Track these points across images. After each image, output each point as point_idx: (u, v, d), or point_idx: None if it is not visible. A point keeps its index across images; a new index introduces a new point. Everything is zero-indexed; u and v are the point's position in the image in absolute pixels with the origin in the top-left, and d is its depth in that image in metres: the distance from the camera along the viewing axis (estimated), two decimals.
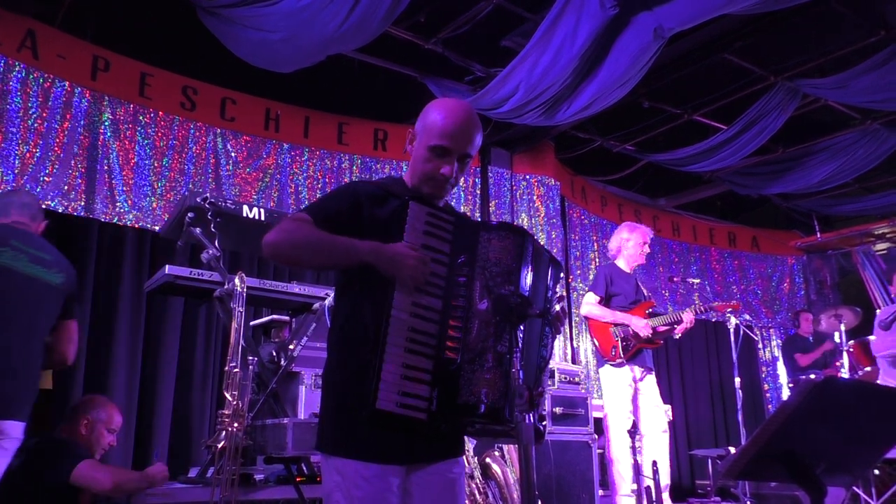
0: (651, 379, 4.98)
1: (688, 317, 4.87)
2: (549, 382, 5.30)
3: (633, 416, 4.86)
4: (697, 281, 6.01)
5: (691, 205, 9.48)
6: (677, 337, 5.03)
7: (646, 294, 5.19)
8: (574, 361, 7.49)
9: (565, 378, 5.49)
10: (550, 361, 2.09)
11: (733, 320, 5.09)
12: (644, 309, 5.03)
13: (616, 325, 4.94)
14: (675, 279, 5.92)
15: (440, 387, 1.77)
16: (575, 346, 7.69)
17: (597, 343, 5.00)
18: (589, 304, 5.06)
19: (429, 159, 1.98)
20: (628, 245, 5.19)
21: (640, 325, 4.87)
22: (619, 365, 4.88)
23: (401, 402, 1.73)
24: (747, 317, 9.17)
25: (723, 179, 8.27)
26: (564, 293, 7.49)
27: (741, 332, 5.07)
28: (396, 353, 1.75)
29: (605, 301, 5.05)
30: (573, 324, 7.77)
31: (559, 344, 7.31)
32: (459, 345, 1.79)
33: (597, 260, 8.28)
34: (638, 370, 4.94)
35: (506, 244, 1.85)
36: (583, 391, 5.34)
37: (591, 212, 8.54)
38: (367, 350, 1.80)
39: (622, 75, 5.41)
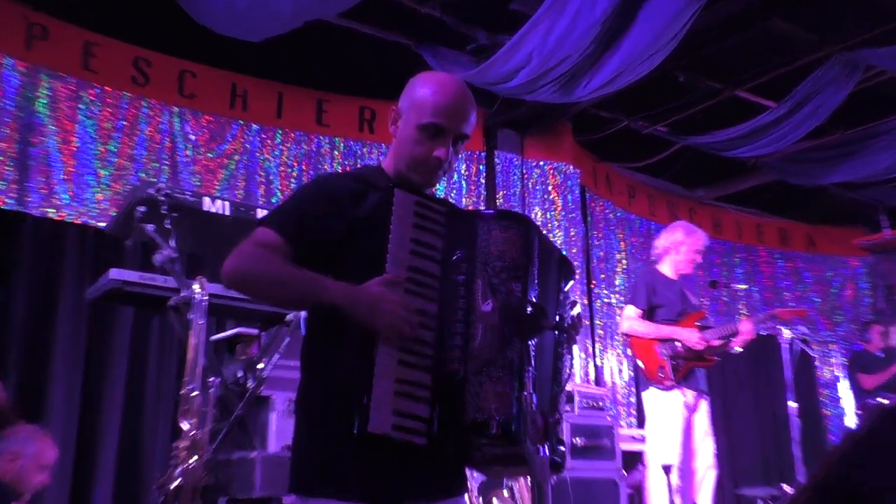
0: (704, 406, 4.95)
1: (745, 327, 4.83)
2: (568, 408, 5.27)
3: (682, 448, 4.81)
4: (744, 287, 6.00)
5: (735, 196, 9.47)
6: (737, 352, 5.00)
7: (694, 303, 5.16)
8: (598, 383, 7.46)
9: (587, 403, 5.46)
10: (569, 382, 2.09)
11: (787, 333, 5.05)
12: (693, 321, 5.00)
13: (662, 341, 4.92)
14: (717, 284, 5.89)
15: (442, 404, 1.76)
16: (599, 364, 7.67)
17: (641, 363, 4.97)
18: (630, 318, 5.03)
19: (419, 141, 1.99)
20: (681, 250, 5.15)
21: (693, 338, 4.84)
22: (668, 388, 4.84)
23: (396, 424, 1.71)
24: (803, 329, 9.15)
25: (772, 167, 8.25)
26: (577, 298, 7.48)
27: (796, 347, 5.04)
28: (388, 367, 1.74)
29: (648, 314, 5.03)
30: (596, 338, 7.74)
31: (580, 362, 7.29)
32: (462, 354, 1.78)
33: (624, 261, 8.26)
34: (690, 394, 4.89)
35: (509, 235, 1.87)
36: (608, 418, 5.31)
37: (617, 204, 8.52)
38: (351, 365, 1.79)
39: (652, 44, 5.39)
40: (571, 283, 2.09)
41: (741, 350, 4.98)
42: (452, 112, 2.00)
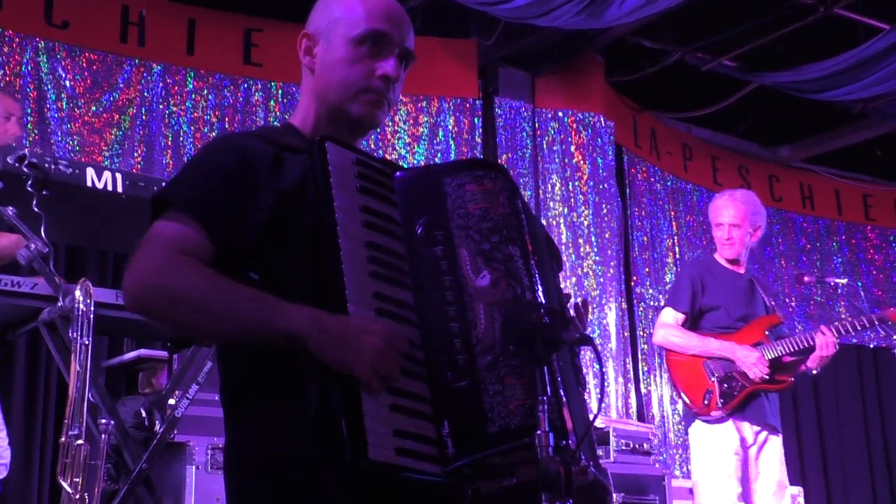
0: (775, 444, 5.00)
1: (823, 340, 4.85)
2: (600, 451, 5.31)
3: (741, 502, 4.88)
4: (844, 281, 6.03)
5: (832, 156, 9.52)
6: (813, 373, 5.04)
7: (767, 303, 5.19)
8: (642, 417, 7.51)
9: (627, 444, 5.51)
10: (600, 415, 2.15)
11: None
12: (761, 329, 5.03)
13: (710, 358, 4.96)
14: (806, 279, 5.92)
15: (452, 418, 1.79)
16: (643, 391, 7.71)
17: (680, 387, 5.02)
18: (666, 326, 5.06)
19: (355, 58, 2.03)
20: (714, 230, 5.25)
21: (749, 359, 4.88)
22: (718, 420, 4.90)
23: (400, 447, 1.72)
24: None
25: (885, 114, 8.30)
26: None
27: None
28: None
29: (692, 321, 5.07)
30: (639, 355, 7.78)
31: (615, 388, 7.33)
32: (465, 345, 1.82)
33: (676, 249, 8.30)
34: (750, 430, 4.94)
35: (488, 187, 1.93)
36: (657, 465, 5.36)
37: (667, 170, 8.56)
38: (313, 376, 1.78)
39: None
40: (561, 267, 2.19)
41: (816, 372, 5.01)
42: (393, 17, 2.06)
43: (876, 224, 9.74)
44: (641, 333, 7.83)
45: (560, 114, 7.63)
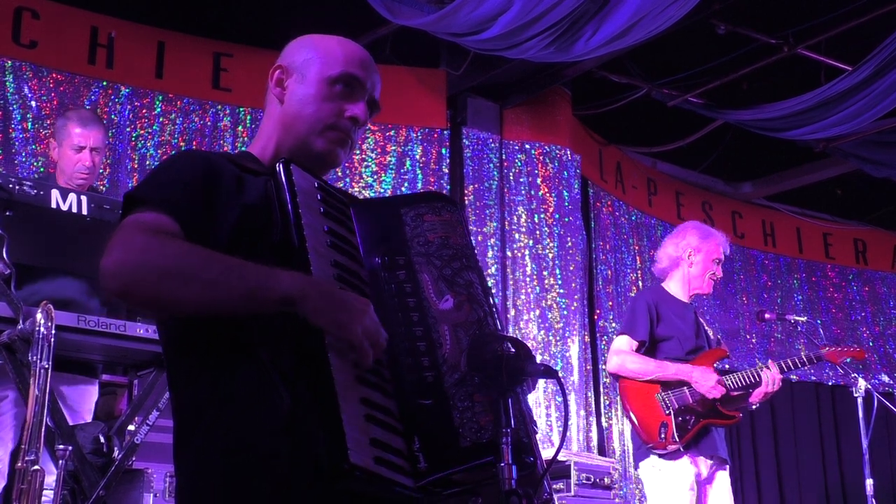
0: (724, 477, 5.02)
1: (769, 375, 4.89)
2: (560, 485, 5.31)
3: None
4: (804, 319, 6.08)
5: (794, 194, 9.60)
6: (753, 407, 5.07)
7: (711, 336, 5.23)
8: (603, 451, 7.50)
9: (587, 478, 5.50)
10: (562, 449, 2.16)
11: (862, 383, 5.13)
12: (711, 360, 5.07)
13: (665, 386, 4.97)
14: (767, 316, 5.97)
15: (422, 434, 1.82)
16: (605, 425, 7.71)
17: (634, 419, 5.01)
18: (621, 353, 5.06)
19: (326, 97, 2.10)
20: (695, 259, 5.22)
21: (708, 381, 4.89)
22: (674, 456, 4.91)
23: (378, 457, 1.72)
24: (886, 378, 9.29)
25: (846, 153, 8.38)
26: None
27: (876, 402, 5.12)
28: (348, 382, 1.76)
29: (648, 348, 5.09)
30: (601, 389, 7.79)
31: (577, 422, 7.32)
32: (433, 363, 1.87)
33: (640, 283, 8.33)
34: (704, 463, 4.97)
35: (446, 218, 2.05)
36: (617, 501, 5.34)
37: (632, 204, 8.60)
38: (280, 393, 1.79)
39: None
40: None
41: (756, 407, 5.05)
42: (366, 65, 2.15)
43: (835, 262, 9.83)
44: (604, 367, 7.84)
45: (527, 146, 7.66)
